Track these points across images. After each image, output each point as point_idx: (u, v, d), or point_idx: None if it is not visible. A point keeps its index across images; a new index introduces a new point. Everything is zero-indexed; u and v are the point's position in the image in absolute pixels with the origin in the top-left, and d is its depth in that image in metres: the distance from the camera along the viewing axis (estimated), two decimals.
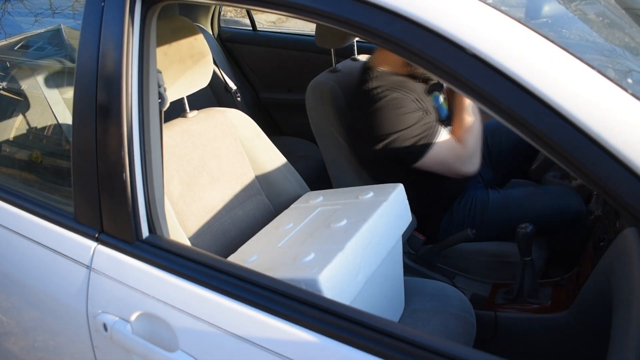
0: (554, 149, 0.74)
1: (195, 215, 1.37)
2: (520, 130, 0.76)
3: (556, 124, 0.74)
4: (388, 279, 1.33)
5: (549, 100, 0.74)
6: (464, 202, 1.79)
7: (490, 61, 0.76)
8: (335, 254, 1.07)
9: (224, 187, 1.46)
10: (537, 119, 0.74)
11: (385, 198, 1.29)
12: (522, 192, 1.76)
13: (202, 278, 0.99)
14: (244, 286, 0.95)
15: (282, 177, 1.56)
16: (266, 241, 1.26)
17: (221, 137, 1.50)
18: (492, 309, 1.53)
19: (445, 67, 0.78)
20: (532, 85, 0.74)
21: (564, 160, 0.74)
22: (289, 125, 3.03)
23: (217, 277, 0.98)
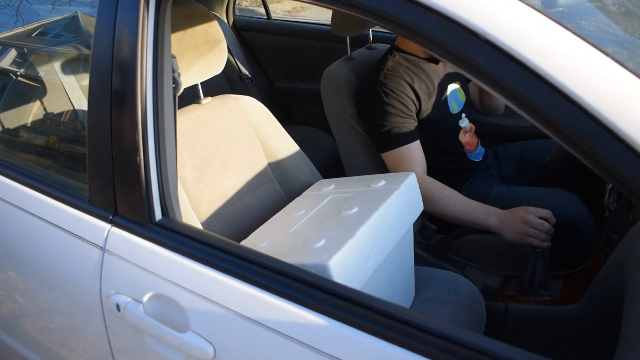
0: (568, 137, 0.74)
1: (208, 200, 1.38)
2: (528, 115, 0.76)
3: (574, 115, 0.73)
4: (398, 267, 1.33)
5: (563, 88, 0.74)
6: (470, 189, 1.80)
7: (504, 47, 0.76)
8: (346, 241, 1.08)
9: (236, 174, 1.46)
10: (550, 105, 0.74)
11: (397, 187, 1.30)
12: (524, 191, 1.75)
13: (214, 261, 1.00)
14: (256, 269, 0.96)
15: (294, 165, 1.56)
16: (278, 227, 1.27)
17: (234, 124, 1.50)
18: (502, 300, 1.53)
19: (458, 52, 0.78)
20: (548, 73, 0.74)
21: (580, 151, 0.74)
22: (303, 114, 3.03)
23: (228, 260, 0.99)
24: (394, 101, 1.68)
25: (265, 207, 1.49)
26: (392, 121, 1.68)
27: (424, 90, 1.74)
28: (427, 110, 1.74)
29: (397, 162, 1.69)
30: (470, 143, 1.86)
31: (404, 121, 1.68)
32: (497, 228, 1.54)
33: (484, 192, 1.78)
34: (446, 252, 1.75)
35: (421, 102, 1.72)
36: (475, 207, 1.59)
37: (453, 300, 1.41)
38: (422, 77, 1.76)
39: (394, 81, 1.70)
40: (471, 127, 1.87)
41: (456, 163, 1.83)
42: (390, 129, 1.68)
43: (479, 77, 0.77)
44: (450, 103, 1.82)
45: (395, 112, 1.68)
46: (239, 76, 2.90)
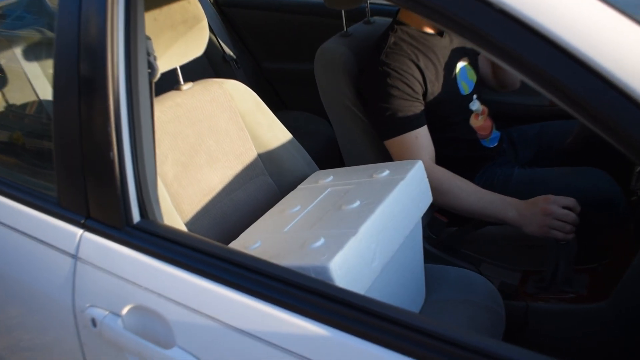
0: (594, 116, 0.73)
1: (192, 198, 1.37)
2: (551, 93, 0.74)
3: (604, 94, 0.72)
4: (407, 266, 1.33)
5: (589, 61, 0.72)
6: (484, 179, 1.79)
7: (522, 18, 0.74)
8: (348, 239, 1.07)
9: (223, 167, 1.46)
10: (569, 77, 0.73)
11: (403, 176, 1.29)
12: (549, 171, 1.75)
13: (201, 266, 0.99)
14: (247, 275, 0.96)
15: (287, 155, 1.56)
16: (271, 226, 1.27)
17: (219, 112, 1.50)
18: (522, 299, 1.53)
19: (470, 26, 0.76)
20: (571, 46, 0.73)
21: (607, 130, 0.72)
22: (295, 98, 3.02)
23: (217, 265, 0.99)
24: (398, 82, 1.66)
25: (256, 204, 1.48)
26: (396, 105, 1.66)
27: (430, 69, 1.73)
28: (435, 91, 1.73)
29: (403, 150, 1.68)
30: (483, 127, 1.85)
31: (409, 104, 1.67)
32: (516, 221, 1.53)
33: (504, 177, 1.77)
34: (459, 247, 1.75)
35: (428, 83, 1.71)
36: (491, 198, 1.58)
37: (468, 301, 1.41)
38: (428, 54, 1.74)
39: (398, 60, 1.69)
40: (484, 110, 1.86)
41: (468, 150, 1.82)
42: (394, 114, 1.67)
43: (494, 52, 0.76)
44: (460, 83, 1.81)
45: (400, 95, 1.66)
46: (223, 58, 2.88)
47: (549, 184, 1.69)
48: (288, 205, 1.35)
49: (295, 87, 2.97)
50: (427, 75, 1.71)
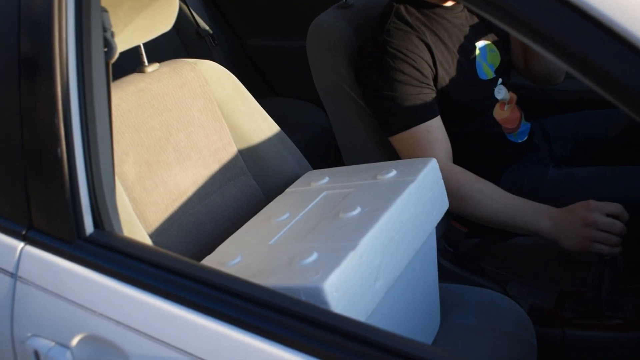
0: None
1: (158, 204, 1.37)
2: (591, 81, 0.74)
3: None
4: (418, 286, 1.33)
5: None
6: (511, 181, 1.79)
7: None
8: (346, 254, 1.07)
9: (196, 166, 1.46)
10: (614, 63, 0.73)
11: (413, 177, 1.29)
12: (590, 171, 1.76)
13: (168, 288, 0.99)
14: (224, 298, 0.96)
15: (274, 152, 1.56)
16: (253, 238, 1.27)
17: (191, 99, 1.50)
18: (558, 325, 1.53)
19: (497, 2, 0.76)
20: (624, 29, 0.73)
21: None
22: (284, 82, 3.02)
23: (187, 286, 0.99)
24: (404, 65, 1.66)
25: (235, 211, 1.49)
26: (402, 92, 1.66)
27: (442, 49, 1.73)
28: (449, 76, 1.73)
29: (412, 147, 1.68)
30: (510, 119, 1.85)
31: (417, 91, 1.66)
32: (550, 233, 1.53)
33: (535, 179, 1.78)
34: (481, 262, 1.75)
35: (438, 65, 1.71)
36: (520, 206, 1.58)
37: (492, 328, 1.41)
38: (439, 31, 1.74)
39: (402, 37, 1.68)
40: (511, 98, 1.86)
41: (492, 147, 1.82)
42: (400, 103, 1.67)
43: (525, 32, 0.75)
44: (480, 66, 1.80)
45: (406, 80, 1.66)
46: (197, 33, 2.88)
47: (590, 186, 1.69)
48: (274, 212, 1.34)
49: (284, 68, 2.98)
50: (437, 57, 1.71)
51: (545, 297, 1.68)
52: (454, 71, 1.73)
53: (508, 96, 1.84)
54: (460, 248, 1.75)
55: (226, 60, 2.91)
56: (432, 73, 1.70)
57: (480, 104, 1.80)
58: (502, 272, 1.76)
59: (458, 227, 1.74)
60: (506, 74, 1.88)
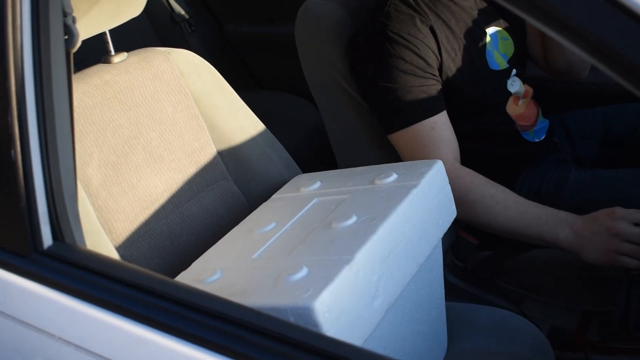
0: None
1: (126, 212, 1.37)
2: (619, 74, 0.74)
3: None
4: (422, 305, 1.33)
5: None
6: (528, 184, 1.80)
7: None
8: (340, 269, 1.07)
9: (169, 170, 1.46)
10: None
11: (416, 182, 1.29)
12: (617, 174, 1.76)
13: (137, 309, 0.99)
14: (201, 320, 0.95)
15: (258, 153, 1.57)
16: (235, 250, 1.27)
17: (164, 93, 1.50)
18: (581, 349, 1.54)
19: None
20: None
21: None
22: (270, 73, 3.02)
23: (159, 306, 0.98)
24: (405, 52, 1.67)
25: (215, 220, 1.49)
26: (404, 83, 1.66)
27: (448, 34, 1.73)
28: (456, 65, 1.73)
29: (415, 146, 1.68)
30: (525, 116, 1.86)
31: (421, 82, 1.67)
32: (571, 244, 1.53)
33: (555, 183, 1.78)
34: (493, 278, 1.75)
35: (443, 53, 1.71)
36: (538, 213, 1.58)
37: (506, 352, 1.41)
38: (445, 14, 1.75)
39: (404, 20, 1.69)
40: (527, 91, 1.86)
41: (505, 146, 1.82)
42: (401, 96, 1.67)
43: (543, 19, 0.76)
44: (491, 54, 1.81)
45: (408, 69, 1.67)
46: (171, 18, 2.88)
47: (618, 191, 1.69)
48: (259, 222, 1.35)
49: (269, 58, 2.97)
50: (443, 43, 1.71)
51: (566, 317, 1.68)
52: (461, 60, 1.74)
53: (523, 89, 1.85)
54: (469, 262, 1.75)
55: (204, 48, 2.91)
56: (437, 62, 1.70)
57: (492, 97, 1.80)
58: (518, 289, 1.76)
59: (467, 238, 1.74)
60: (521, 64, 1.89)
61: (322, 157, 2.12)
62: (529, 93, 1.87)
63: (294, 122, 2.55)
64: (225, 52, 3.03)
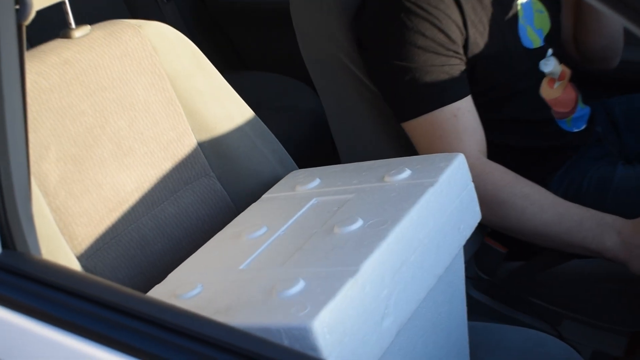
0: None
1: (90, 215, 1.37)
2: None
3: None
4: (440, 326, 1.34)
5: None
6: (567, 182, 1.80)
7: None
8: (343, 283, 1.07)
9: (141, 164, 1.46)
10: None
11: (434, 179, 1.29)
12: None
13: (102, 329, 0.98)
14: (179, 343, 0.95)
15: (246, 145, 1.57)
16: (218, 260, 1.27)
17: (135, 74, 1.50)
18: None
19: None
20: None
21: None
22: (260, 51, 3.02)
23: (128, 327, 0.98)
24: (425, 25, 1.67)
25: (195, 224, 1.49)
26: (422, 63, 1.67)
27: (475, 4, 1.73)
28: (484, 41, 1.73)
29: (433, 136, 1.68)
30: (562, 101, 1.86)
31: (442, 62, 1.67)
32: (619, 254, 1.54)
33: (599, 181, 1.78)
34: (525, 293, 1.75)
35: (470, 27, 1.71)
36: (579, 216, 1.58)
37: None
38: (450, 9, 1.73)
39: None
40: (563, 72, 1.87)
41: (539, 137, 1.83)
42: (418, 78, 1.67)
43: None
44: (524, 30, 1.81)
45: (428, 46, 1.67)
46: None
47: None
48: (247, 226, 1.35)
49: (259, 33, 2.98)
50: (469, 15, 1.71)
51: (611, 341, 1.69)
52: (490, 36, 1.73)
53: (559, 69, 1.85)
54: (497, 274, 1.75)
55: (182, 21, 2.91)
56: (461, 37, 1.70)
57: (524, 80, 1.80)
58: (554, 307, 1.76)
59: (494, 245, 1.75)
60: (558, 43, 1.88)
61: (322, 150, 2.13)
62: (566, 74, 1.87)
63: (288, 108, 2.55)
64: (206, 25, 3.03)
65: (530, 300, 1.75)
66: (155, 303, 1.01)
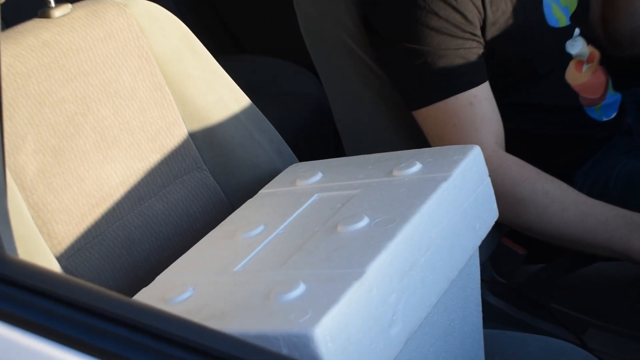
0: None
1: (71, 211, 1.37)
2: None
3: None
4: (453, 334, 1.34)
5: None
6: (593, 177, 1.81)
7: None
8: (348, 286, 1.06)
9: (127, 157, 1.46)
10: None
11: (447, 174, 1.29)
12: None
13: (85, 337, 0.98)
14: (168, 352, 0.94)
15: (242, 136, 1.57)
16: (211, 261, 1.27)
17: (120, 58, 1.50)
18: None
19: None
20: None
21: None
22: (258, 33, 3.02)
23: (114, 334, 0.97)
24: (439, 5, 1.67)
25: (185, 221, 1.50)
26: (436, 45, 1.66)
27: None
28: (504, 21, 1.73)
29: (446, 126, 1.68)
30: (590, 86, 1.85)
31: (457, 45, 1.67)
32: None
33: (628, 176, 1.79)
34: (546, 299, 1.75)
35: (487, 6, 1.70)
36: (604, 215, 1.58)
37: None
38: None
39: None
40: (592, 54, 1.86)
41: (563, 126, 1.82)
42: (430, 63, 1.67)
43: None
44: (549, 7, 1.80)
45: (442, 27, 1.67)
46: None
47: None
48: (243, 223, 1.35)
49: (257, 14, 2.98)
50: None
51: None
52: (511, 14, 1.73)
53: (587, 51, 1.84)
54: (515, 278, 1.75)
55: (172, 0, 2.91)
56: (479, 17, 1.70)
57: (548, 62, 1.80)
58: (577, 313, 1.76)
59: (512, 246, 1.75)
60: (586, 22, 1.88)
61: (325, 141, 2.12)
62: (596, 56, 1.87)
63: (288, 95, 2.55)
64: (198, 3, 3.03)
65: (552, 306, 1.75)
66: (142, 308, 1.01)
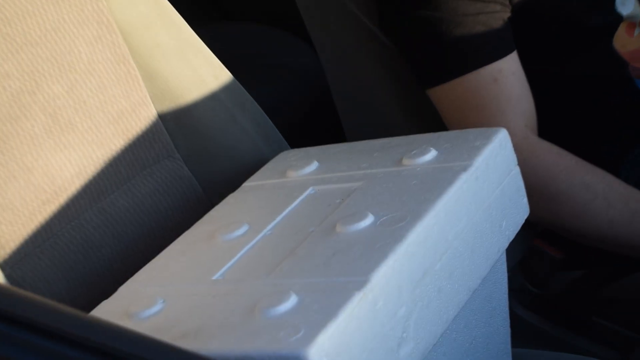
0: None
1: (17, 208, 1.38)
2: None
3: None
4: (476, 354, 1.34)
5: None
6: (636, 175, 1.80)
7: None
8: (348, 298, 1.06)
9: (84, 143, 1.47)
10: None
11: (467, 162, 1.29)
12: None
13: None
14: None
15: (222, 119, 1.58)
16: (185, 268, 1.27)
17: (76, 25, 1.50)
18: None
19: None
20: None
21: None
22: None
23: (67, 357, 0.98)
24: None
25: (155, 220, 1.51)
26: (452, 10, 1.67)
27: None
28: None
29: (466, 107, 1.69)
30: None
31: (477, 9, 1.67)
32: None
33: None
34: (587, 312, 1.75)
35: None
36: None
37: None
38: None
39: None
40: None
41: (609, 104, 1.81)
42: (447, 32, 1.68)
43: None
44: None
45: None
46: None
47: None
48: (223, 223, 1.35)
49: None
50: None
51: None
52: None
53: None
54: (549, 287, 1.76)
55: None
56: None
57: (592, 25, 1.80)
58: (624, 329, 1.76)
59: (546, 250, 1.75)
60: None
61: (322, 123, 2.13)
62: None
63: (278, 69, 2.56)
64: None
65: (593, 320, 1.76)
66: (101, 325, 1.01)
